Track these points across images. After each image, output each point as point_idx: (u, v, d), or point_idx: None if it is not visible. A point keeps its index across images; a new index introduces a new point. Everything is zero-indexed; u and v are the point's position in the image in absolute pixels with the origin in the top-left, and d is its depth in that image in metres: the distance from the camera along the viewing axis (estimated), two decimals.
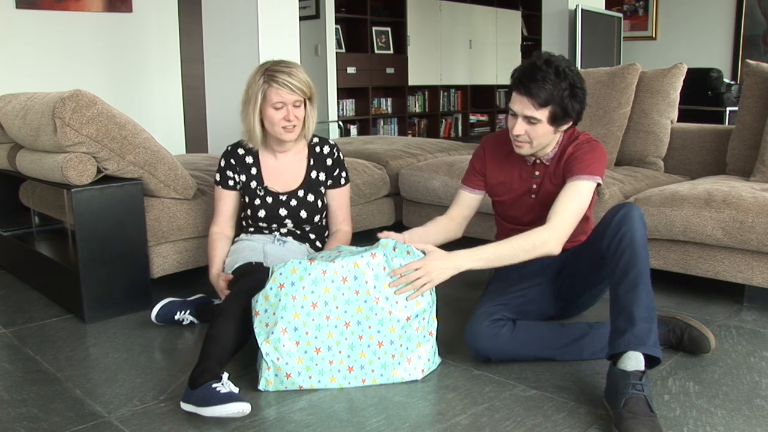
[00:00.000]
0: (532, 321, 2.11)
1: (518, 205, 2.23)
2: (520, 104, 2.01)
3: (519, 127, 2.03)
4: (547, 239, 1.95)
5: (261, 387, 1.92)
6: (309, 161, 2.43)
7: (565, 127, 2.07)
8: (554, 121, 2.01)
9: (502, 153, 2.23)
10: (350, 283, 1.91)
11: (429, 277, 1.91)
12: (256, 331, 1.90)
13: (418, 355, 1.98)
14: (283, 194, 2.39)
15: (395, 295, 1.92)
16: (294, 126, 2.28)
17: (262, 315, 1.90)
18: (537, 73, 1.96)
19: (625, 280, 1.81)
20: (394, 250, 1.96)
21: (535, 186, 2.18)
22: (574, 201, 2.01)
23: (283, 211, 2.38)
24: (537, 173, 2.17)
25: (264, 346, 1.89)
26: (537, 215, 2.17)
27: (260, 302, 1.90)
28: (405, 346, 1.95)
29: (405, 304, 1.94)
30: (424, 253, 1.97)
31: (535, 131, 2.02)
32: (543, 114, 1.99)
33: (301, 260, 1.92)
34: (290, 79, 2.22)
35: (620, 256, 1.84)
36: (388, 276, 1.93)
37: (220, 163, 2.44)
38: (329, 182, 2.46)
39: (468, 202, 2.32)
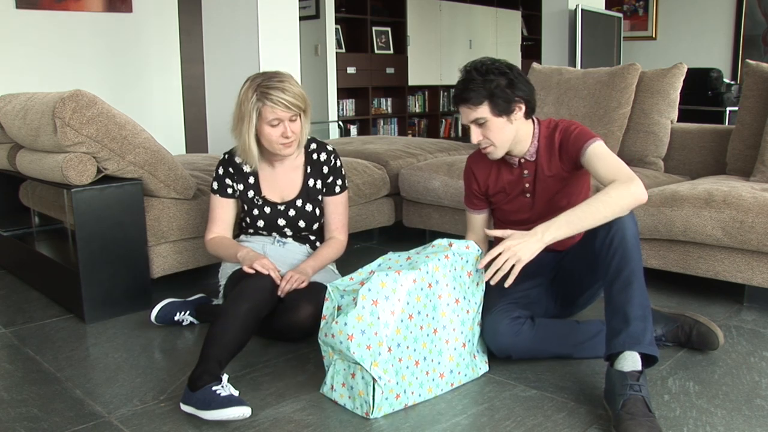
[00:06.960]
0: (548, 319, 2.12)
1: (516, 207, 2.23)
2: (464, 114, 2.05)
3: (475, 135, 2.06)
4: (626, 186, 1.85)
5: (374, 415, 1.77)
6: (306, 169, 2.38)
7: (519, 114, 2.04)
8: (499, 112, 2.01)
9: (487, 165, 2.24)
10: (434, 289, 1.88)
11: (516, 257, 1.81)
12: (356, 356, 1.74)
13: (478, 348, 2.04)
14: (281, 204, 2.35)
15: (491, 285, 1.88)
16: (292, 141, 2.23)
17: (360, 337, 1.74)
18: (466, 82, 2.01)
19: (618, 280, 1.82)
20: (450, 246, 1.94)
21: (527, 185, 2.18)
22: (609, 156, 1.98)
23: (281, 221, 2.36)
24: (526, 172, 2.17)
25: (374, 370, 1.75)
26: (538, 210, 2.18)
27: (352, 324, 1.74)
28: (473, 341, 2.01)
29: (473, 300, 1.98)
30: (497, 240, 1.99)
31: (489, 131, 2.04)
32: (483, 111, 2.00)
33: (387, 273, 1.81)
34: (285, 96, 2.15)
35: (612, 256, 1.84)
36: (466, 274, 1.95)
37: (217, 171, 2.38)
38: (324, 189, 2.40)
39: (481, 223, 2.34)
